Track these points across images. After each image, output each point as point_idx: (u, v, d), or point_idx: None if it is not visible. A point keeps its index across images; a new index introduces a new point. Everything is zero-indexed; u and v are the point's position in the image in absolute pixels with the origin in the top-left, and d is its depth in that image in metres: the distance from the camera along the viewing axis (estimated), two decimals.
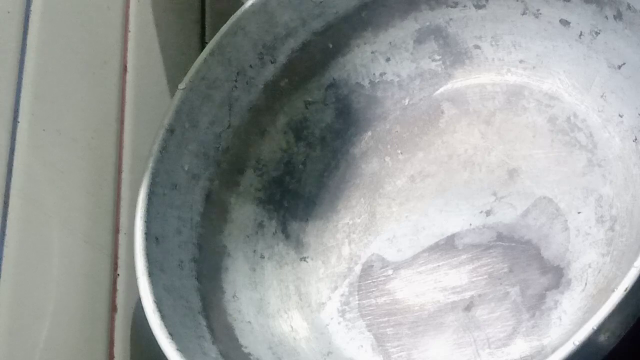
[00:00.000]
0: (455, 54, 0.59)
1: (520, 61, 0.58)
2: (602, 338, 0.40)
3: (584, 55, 0.54)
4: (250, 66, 0.58)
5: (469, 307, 0.52)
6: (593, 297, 0.48)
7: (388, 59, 0.61)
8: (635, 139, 0.51)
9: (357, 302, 0.55)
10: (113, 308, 0.53)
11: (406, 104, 0.61)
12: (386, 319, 0.53)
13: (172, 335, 0.47)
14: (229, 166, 0.58)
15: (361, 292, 0.55)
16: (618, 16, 0.51)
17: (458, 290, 0.52)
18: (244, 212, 0.58)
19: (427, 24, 0.59)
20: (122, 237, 0.55)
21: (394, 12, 0.59)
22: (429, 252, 0.55)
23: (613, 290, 0.40)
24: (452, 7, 0.58)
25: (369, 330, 0.54)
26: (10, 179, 0.46)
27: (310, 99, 0.61)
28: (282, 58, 0.59)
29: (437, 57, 0.60)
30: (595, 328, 0.39)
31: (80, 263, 0.51)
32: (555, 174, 0.54)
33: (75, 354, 0.49)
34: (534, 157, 0.55)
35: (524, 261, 0.52)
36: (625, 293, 0.39)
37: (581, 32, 0.54)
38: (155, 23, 0.64)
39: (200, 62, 0.56)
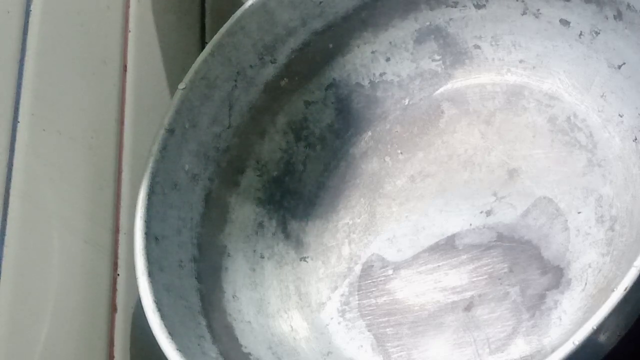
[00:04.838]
0: (455, 54, 0.59)
1: (520, 61, 0.58)
2: (602, 338, 0.41)
3: (584, 55, 0.54)
4: (250, 66, 0.58)
5: (469, 307, 0.52)
6: (593, 297, 0.48)
7: (388, 59, 0.61)
8: (635, 139, 0.51)
9: (357, 302, 0.55)
10: (113, 308, 0.53)
11: (406, 104, 0.61)
12: (386, 319, 0.53)
13: (172, 335, 0.47)
14: (229, 166, 0.58)
15: (361, 292, 0.55)
16: (618, 16, 0.51)
17: (458, 290, 0.52)
18: (244, 212, 0.58)
19: (427, 24, 0.59)
20: (122, 237, 0.55)
21: (394, 12, 0.59)
22: (429, 252, 0.55)
23: (613, 290, 0.40)
24: (452, 7, 0.58)
25: (369, 330, 0.54)
26: (10, 179, 0.46)
27: (310, 99, 0.61)
28: (282, 58, 0.59)
29: (437, 57, 0.60)
30: (595, 328, 0.39)
31: (80, 263, 0.51)
32: (555, 174, 0.54)
33: (75, 354, 0.49)
34: (534, 157, 0.55)
35: (524, 261, 0.52)
36: (625, 293, 0.39)
37: (581, 32, 0.54)
38: (155, 23, 0.64)
39: (200, 62, 0.56)
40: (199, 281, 0.53)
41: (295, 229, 0.59)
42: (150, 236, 0.51)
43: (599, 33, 0.53)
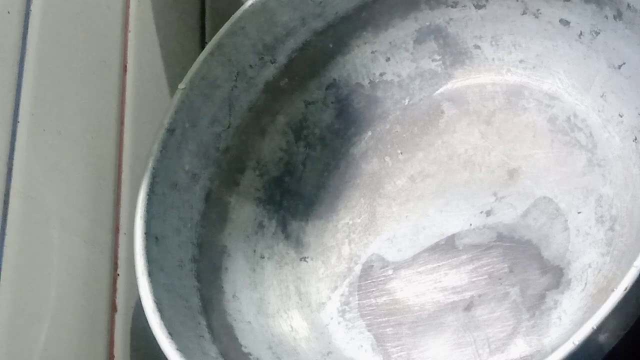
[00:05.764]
0: (455, 54, 0.59)
1: (520, 61, 0.58)
2: (602, 338, 0.40)
3: (584, 55, 0.54)
4: (250, 66, 0.58)
5: (469, 307, 0.52)
6: (593, 297, 0.48)
7: (388, 59, 0.61)
8: (635, 139, 0.51)
9: (357, 302, 0.55)
10: (113, 308, 0.53)
11: (406, 104, 0.61)
12: (386, 319, 0.53)
13: (172, 335, 0.47)
14: (229, 166, 0.58)
15: (361, 292, 0.55)
16: (618, 16, 0.51)
17: (458, 290, 0.52)
18: (244, 212, 0.58)
19: (427, 24, 0.59)
20: (122, 237, 0.55)
21: (394, 12, 0.59)
22: (429, 252, 0.55)
23: (613, 290, 0.40)
24: (452, 7, 0.58)
25: (369, 330, 0.54)
26: (10, 179, 0.46)
27: (310, 99, 0.61)
28: (282, 58, 0.59)
29: (437, 57, 0.60)
30: (594, 328, 0.39)
31: (80, 263, 0.51)
32: (555, 174, 0.54)
33: (75, 354, 0.49)
34: (534, 157, 0.55)
35: (524, 261, 0.52)
36: (624, 293, 0.39)
37: (581, 32, 0.54)
38: (155, 23, 0.64)
39: (200, 62, 0.56)
40: (199, 281, 0.53)
41: (295, 229, 0.59)
42: (150, 236, 0.51)
43: (599, 33, 0.53)
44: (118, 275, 0.54)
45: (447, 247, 0.54)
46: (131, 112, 0.58)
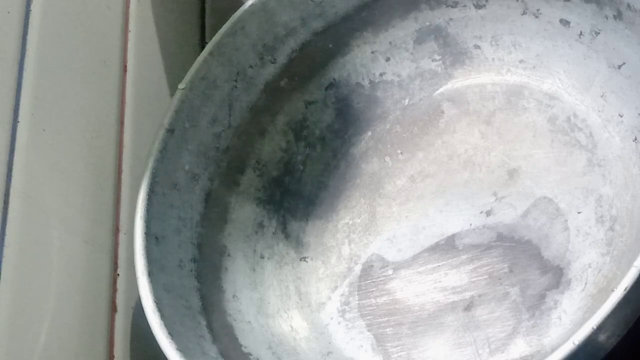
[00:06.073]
0: (455, 54, 0.59)
1: (520, 61, 0.58)
2: (602, 337, 0.41)
3: (584, 55, 0.54)
4: (250, 66, 0.58)
5: (469, 307, 0.52)
6: (593, 297, 0.48)
7: (388, 59, 0.61)
8: (635, 139, 0.51)
9: (357, 302, 0.55)
10: (113, 308, 0.53)
11: (406, 104, 0.61)
12: (386, 319, 0.53)
13: (172, 335, 0.47)
14: (229, 166, 0.58)
15: (361, 292, 0.55)
16: (618, 16, 0.51)
17: (458, 290, 0.52)
18: (244, 212, 0.58)
19: (427, 24, 0.59)
20: (122, 237, 0.55)
21: (394, 12, 0.59)
22: (429, 252, 0.55)
23: (613, 290, 0.40)
24: (452, 7, 0.58)
25: (368, 330, 0.54)
26: (10, 179, 0.46)
27: (310, 99, 0.61)
28: (282, 58, 0.59)
29: (437, 57, 0.60)
30: (595, 327, 0.39)
31: (80, 263, 0.51)
32: (555, 174, 0.54)
33: (75, 354, 0.49)
34: (534, 157, 0.55)
35: (524, 261, 0.52)
36: (624, 293, 0.39)
37: (581, 32, 0.54)
38: (155, 23, 0.64)
39: (200, 62, 0.56)
40: (199, 281, 0.53)
41: (295, 229, 0.59)
42: (150, 236, 0.51)
43: (599, 33, 0.53)
44: (118, 275, 0.54)
45: (447, 247, 0.54)
46: (131, 112, 0.58)
